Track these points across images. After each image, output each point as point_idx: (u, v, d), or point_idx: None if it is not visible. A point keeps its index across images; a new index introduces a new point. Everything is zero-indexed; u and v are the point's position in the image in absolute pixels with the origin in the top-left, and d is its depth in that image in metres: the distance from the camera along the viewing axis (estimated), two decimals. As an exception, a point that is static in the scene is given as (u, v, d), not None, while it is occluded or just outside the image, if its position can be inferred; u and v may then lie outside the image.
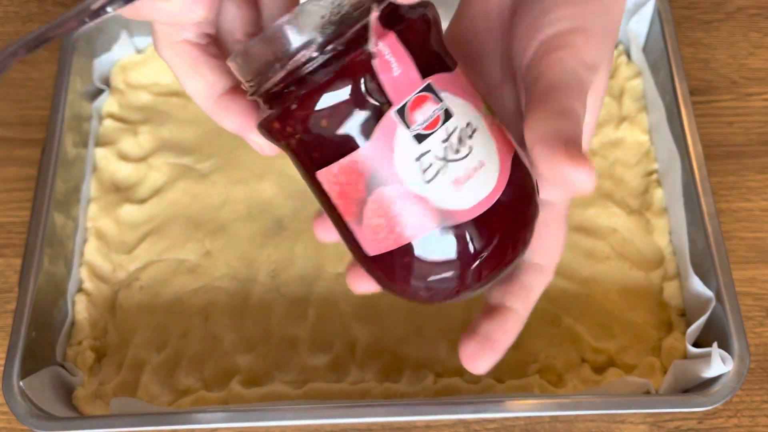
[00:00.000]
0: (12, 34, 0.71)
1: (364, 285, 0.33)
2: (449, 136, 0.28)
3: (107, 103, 0.65)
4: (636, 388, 0.51)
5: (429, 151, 0.28)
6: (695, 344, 0.52)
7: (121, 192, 0.61)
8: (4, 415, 0.55)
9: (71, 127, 0.60)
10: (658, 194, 0.59)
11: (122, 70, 0.66)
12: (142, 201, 0.61)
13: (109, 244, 0.60)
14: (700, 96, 0.65)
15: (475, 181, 0.29)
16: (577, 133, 0.28)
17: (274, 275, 0.58)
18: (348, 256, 0.32)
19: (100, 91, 0.65)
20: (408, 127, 0.28)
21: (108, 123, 0.64)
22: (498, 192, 0.29)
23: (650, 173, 0.60)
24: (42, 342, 0.53)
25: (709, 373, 0.49)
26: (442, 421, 0.54)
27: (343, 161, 0.29)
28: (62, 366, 0.54)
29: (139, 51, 0.67)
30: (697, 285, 0.53)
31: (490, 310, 0.34)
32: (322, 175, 0.30)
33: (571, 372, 0.53)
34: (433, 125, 0.28)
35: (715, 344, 0.49)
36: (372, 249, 0.30)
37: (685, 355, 0.53)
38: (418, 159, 0.28)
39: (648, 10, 0.64)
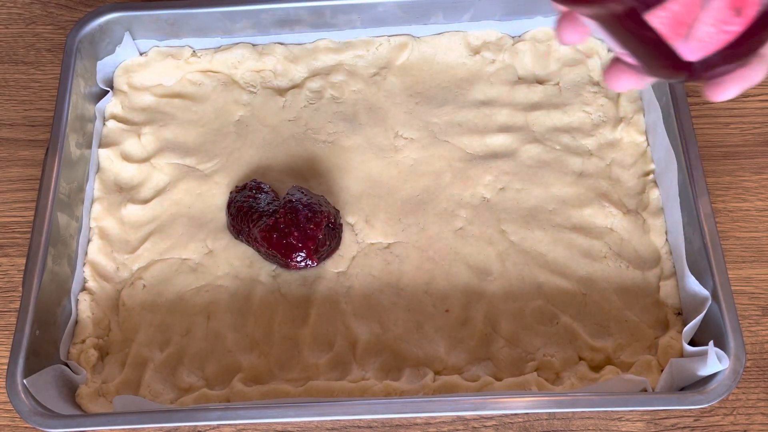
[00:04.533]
0: (15, 36, 0.72)
1: (577, 36, 0.37)
2: None
3: (110, 104, 0.65)
4: (633, 386, 0.51)
5: None
6: (691, 343, 0.53)
7: (124, 192, 0.62)
8: (8, 413, 0.56)
9: (75, 128, 0.61)
10: (654, 194, 0.60)
11: (125, 72, 0.66)
12: (145, 201, 0.61)
13: (113, 243, 0.60)
14: (697, 97, 0.65)
15: None
16: None
17: (276, 275, 0.58)
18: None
19: (103, 93, 0.66)
20: None
21: (111, 124, 0.64)
22: None
23: (647, 174, 0.61)
24: (46, 340, 0.54)
25: (706, 371, 0.50)
26: (441, 418, 0.54)
27: None
28: (66, 364, 0.55)
29: (142, 53, 0.67)
30: (694, 284, 0.53)
31: None
32: (653, 14, 0.32)
33: (569, 370, 0.54)
34: None
35: (711, 343, 0.50)
36: (694, 56, 0.34)
37: (682, 354, 0.53)
38: None
39: (645, 12, 0.64)
